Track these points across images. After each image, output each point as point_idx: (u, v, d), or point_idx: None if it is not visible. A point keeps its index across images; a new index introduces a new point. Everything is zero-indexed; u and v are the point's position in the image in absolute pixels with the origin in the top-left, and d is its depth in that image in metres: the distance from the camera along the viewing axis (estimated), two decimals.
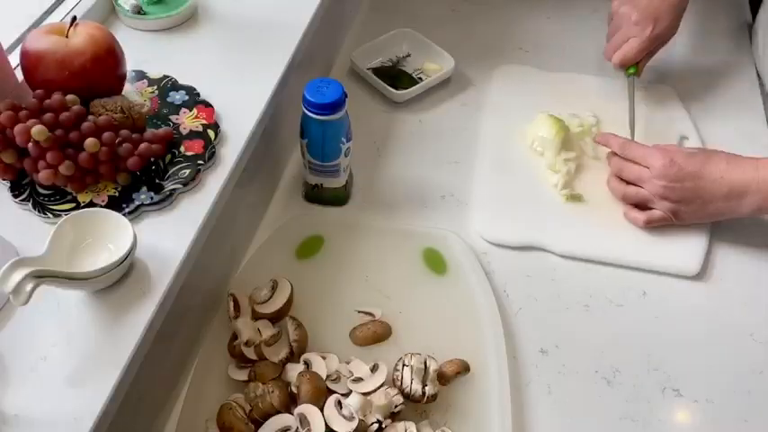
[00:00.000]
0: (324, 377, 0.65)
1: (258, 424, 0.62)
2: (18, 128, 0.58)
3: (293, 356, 0.68)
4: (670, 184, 0.77)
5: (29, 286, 0.49)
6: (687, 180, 0.76)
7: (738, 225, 0.83)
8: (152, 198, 0.63)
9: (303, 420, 0.61)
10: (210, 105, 0.72)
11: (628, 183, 0.83)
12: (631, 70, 0.93)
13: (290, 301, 0.72)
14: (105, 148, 0.61)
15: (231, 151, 0.68)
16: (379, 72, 1.01)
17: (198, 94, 0.73)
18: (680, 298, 0.77)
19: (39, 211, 0.61)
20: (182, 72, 0.75)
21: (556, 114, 0.91)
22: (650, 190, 0.79)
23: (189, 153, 0.67)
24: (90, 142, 0.60)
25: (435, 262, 0.78)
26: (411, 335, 0.72)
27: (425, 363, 0.65)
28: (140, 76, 0.74)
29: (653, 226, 0.81)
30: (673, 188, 0.77)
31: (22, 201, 0.62)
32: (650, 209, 0.81)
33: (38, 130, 0.58)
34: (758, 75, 1.03)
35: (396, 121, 0.96)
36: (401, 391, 0.64)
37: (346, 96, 0.73)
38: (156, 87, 0.73)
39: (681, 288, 0.78)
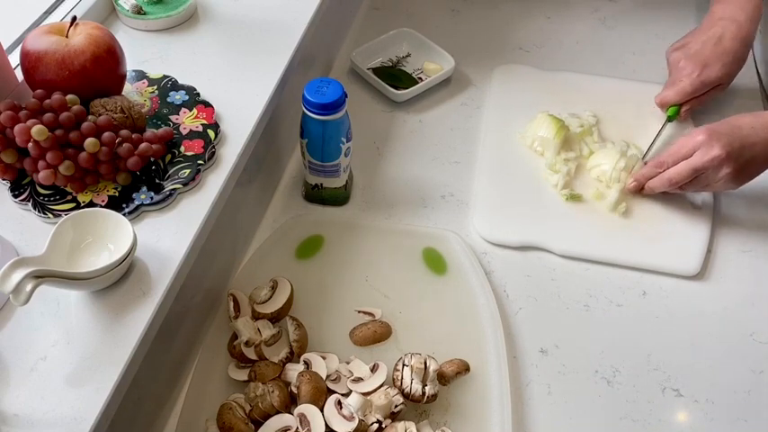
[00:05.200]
0: (324, 377, 0.65)
1: (258, 424, 0.62)
2: (18, 128, 0.58)
3: (293, 356, 0.68)
4: (725, 146, 0.75)
5: (29, 286, 0.49)
6: (732, 135, 0.76)
7: (738, 225, 0.84)
8: (152, 198, 0.63)
9: (303, 420, 0.61)
10: (210, 105, 0.72)
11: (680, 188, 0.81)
12: (670, 113, 0.91)
13: (290, 301, 0.72)
14: (105, 148, 0.61)
15: (231, 151, 0.68)
16: (379, 72, 1.01)
17: (198, 94, 0.73)
18: (680, 298, 0.77)
19: (39, 211, 0.61)
20: (182, 72, 0.75)
21: (556, 114, 0.91)
22: (710, 165, 0.77)
23: (189, 153, 0.67)
24: (90, 142, 0.60)
25: (435, 262, 0.78)
26: (411, 335, 0.72)
27: (425, 363, 0.65)
28: (140, 76, 0.74)
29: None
30: (730, 146, 0.76)
31: (22, 201, 0.62)
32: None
33: (38, 130, 0.58)
34: (758, 75, 1.03)
35: (396, 121, 0.96)
36: (401, 391, 0.65)
37: (346, 96, 0.73)
38: (156, 87, 0.73)
39: (681, 288, 0.78)
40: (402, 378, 0.65)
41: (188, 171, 0.65)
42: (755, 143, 0.76)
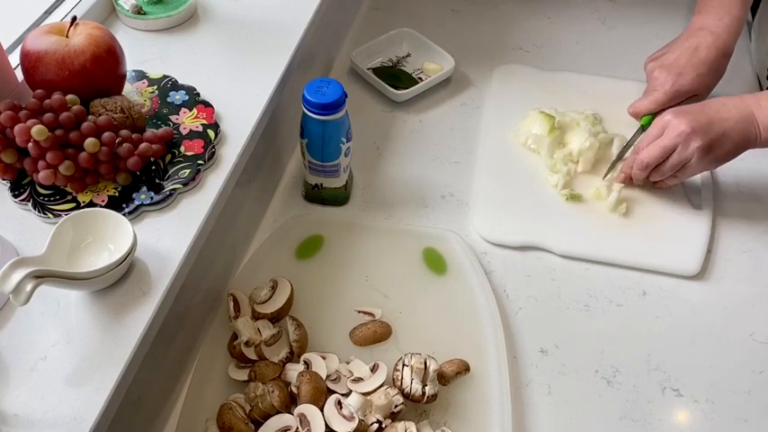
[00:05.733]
0: (324, 377, 0.65)
1: (258, 424, 0.62)
2: (18, 128, 0.58)
3: (293, 356, 0.68)
4: (690, 121, 0.76)
5: (29, 286, 0.49)
6: (700, 112, 0.77)
7: (738, 225, 0.84)
8: (152, 198, 0.63)
9: (303, 420, 0.61)
10: (210, 105, 0.72)
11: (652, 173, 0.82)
12: (643, 122, 0.91)
13: (290, 301, 0.72)
14: (105, 148, 0.61)
15: (231, 151, 0.68)
16: (379, 72, 1.01)
17: (198, 94, 0.73)
18: (680, 298, 0.77)
19: (39, 211, 0.61)
20: (182, 72, 0.75)
21: (548, 111, 0.91)
22: (677, 141, 0.77)
23: (189, 153, 0.67)
24: (90, 142, 0.60)
25: (435, 262, 0.78)
26: (411, 335, 0.72)
27: (425, 363, 0.65)
28: (140, 76, 0.74)
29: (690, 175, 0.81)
30: (696, 120, 0.76)
31: (22, 201, 0.62)
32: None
33: (38, 130, 0.58)
34: (757, 74, 1.03)
35: (396, 121, 0.96)
36: (401, 391, 0.64)
37: (346, 96, 0.73)
38: (156, 87, 0.73)
39: (681, 288, 0.78)
40: (402, 378, 0.65)
41: (188, 171, 0.65)
42: (727, 118, 0.76)
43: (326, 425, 0.61)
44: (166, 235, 0.61)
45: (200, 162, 0.66)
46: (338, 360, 0.68)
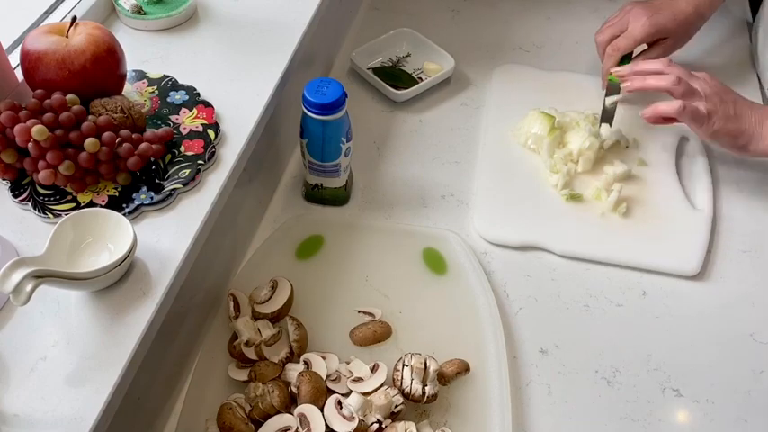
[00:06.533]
0: (324, 377, 0.65)
1: (258, 424, 0.62)
2: (18, 128, 0.58)
3: (293, 356, 0.68)
4: (714, 86, 0.79)
5: (29, 286, 0.49)
6: (725, 91, 0.80)
7: (738, 225, 0.84)
8: (152, 198, 0.63)
9: (303, 420, 0.61)
10: (210, 105, 0.72)
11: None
12: (612, 79, 0.92)
13: (290, 301, 0.72)
14: (105, 148, 0.61)
15: (231, 151, 0.68)
16: (379, 72, 1.01)
17: (198, 94, 0.73)
18: (680, 298, 0.77)
19: (39, 211, 0.61)
20: (182, 72, 0.75)
21: (548, 111, 0.91)
22: (699, 87, 0.80)
23: (189, 153, 0.67)
24: (90, 142, 0.60)
25: (435, 262, 0.78)
26: (411, 335, 0.72)
27: (425, 363, 0.65)
28: (140, 76, 0.74)
29: (684, 117, 0.80)
30: (716, 88, 0.79)
31: (22, 201, 0.62)
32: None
33: (38, 130, 0.58)
34: (758, 74, 1.03)
35: (396, 121, 0.96)
36: (401, 391, 0.65)
37: (346, 96, 0.73)
38: (156, 87, 0.73)
39: (681, 288, 0.78)
40: (402, 378, 0.65)
41: (188, 171, 0.65)
42: (742, 115, 0.79)
43: (326, 425, 0.61)
44: (166, 235, 0.61)
45: (200, 162, 0.66)
46: (338, 360, 0.68)
